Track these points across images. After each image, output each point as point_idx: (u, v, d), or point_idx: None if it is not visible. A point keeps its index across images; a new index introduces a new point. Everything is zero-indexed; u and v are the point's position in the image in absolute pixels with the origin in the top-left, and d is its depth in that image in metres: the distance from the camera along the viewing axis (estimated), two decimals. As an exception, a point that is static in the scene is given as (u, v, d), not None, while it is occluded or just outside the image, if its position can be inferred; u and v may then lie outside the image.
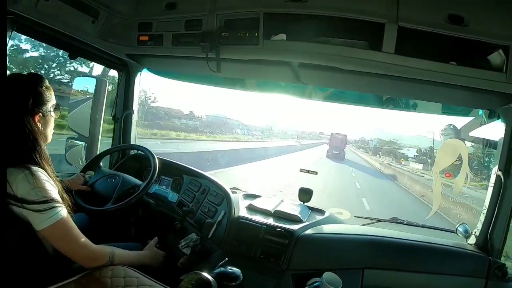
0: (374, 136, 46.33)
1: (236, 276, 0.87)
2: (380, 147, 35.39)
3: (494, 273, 1.15)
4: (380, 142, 37.82)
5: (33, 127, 0.87)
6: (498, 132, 1.22)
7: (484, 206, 1.25)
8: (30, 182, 0.80)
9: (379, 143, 37.34)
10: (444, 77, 1.03)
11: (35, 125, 0.88)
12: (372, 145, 39.18)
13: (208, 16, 1.18)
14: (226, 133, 28.32)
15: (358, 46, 1.06)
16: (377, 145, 36.89)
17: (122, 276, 0.89)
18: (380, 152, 33.09)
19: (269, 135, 38.12)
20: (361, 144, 45.10)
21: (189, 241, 1.25)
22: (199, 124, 26.33)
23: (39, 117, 0.90)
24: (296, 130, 52.05)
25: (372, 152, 35.21)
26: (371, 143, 41.10)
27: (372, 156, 30.52)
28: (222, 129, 28.77)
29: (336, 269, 1.06)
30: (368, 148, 39.59)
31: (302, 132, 52.41)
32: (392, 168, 16.52)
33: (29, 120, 0.86)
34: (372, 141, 41.38)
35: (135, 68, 1.65)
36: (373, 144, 39.58)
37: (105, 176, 1.41)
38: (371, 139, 43.04)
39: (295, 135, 45.14)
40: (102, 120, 1.65)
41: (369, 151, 36.92)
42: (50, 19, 1.15)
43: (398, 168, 16.74)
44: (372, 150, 35.79)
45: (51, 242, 0.85)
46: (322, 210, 1.45)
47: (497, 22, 0.95)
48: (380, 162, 21.26)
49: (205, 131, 24.20)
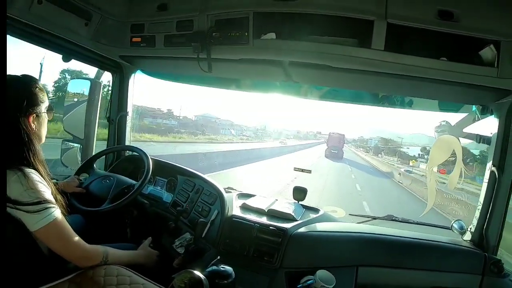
0: (374, 135, 44.96)
1: (228, 274, 0.87)
2: (381, 146, 34.44)
3: (490, 269, 1.15)
4: (381, 140, 36.44)
5: (28, 128, 0.88)
6: (492, 127, 1.21)
7: (479, 202, 1.25)
8: (23, 183, 0.81)
9: (381, 142, 35.96)
10: (436, 73, 1.03)
11: (29, 125, 0.89)
12: (373, 144, 37.61)
13: (199, 16, 1.19)
14: (213, 133, 27.27)
15: (347, 43, 1.06)
16: (378, 144, 35.67)
17: (115, 275, 0.89)
18: (382, 151, 32.12)
19: (262, 136, 36.60)
20: (360, 143, 43.55)
21: (183, 240, 1.26)
22: (177, 124, 24.86)
23: (33, 118, 0.90)
24: (291, 130, 50.46)
25: (373, 151, 34.35)
26: (370, 142, 39.46)
27: (374, 157, 29.17)
28: (209, 130, 27.68)
29: (329, 267, 1.05)
30: (368, 148, 38.09)
31: (297, 132, 50.89)
32: (407, 175, 12.66)
33: (23, 120, 0.87)
34: (372, 140, 39.79)
35: (129, 70, 1.66)
36: (373, 143, 37.98)
37: (99, 177, 1.42)
38: (370, 137, 41.59)
39: (290, 135, 43.73)
40: (97, 122, 1.66)
41: (370, 150, 35.88)
42: (43, 22, 1.16)
43: (411, 173, 13.38)
44: (373, 150, 35.00)
45: (45, 242, 0.86)
46: (317, 208, 1.45)
47: (487, 17, 0.95)
48: (386, 164, 19.26)
49: (183, 132, 22.70)
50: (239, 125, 36.77)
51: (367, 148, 38.63)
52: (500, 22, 0.94)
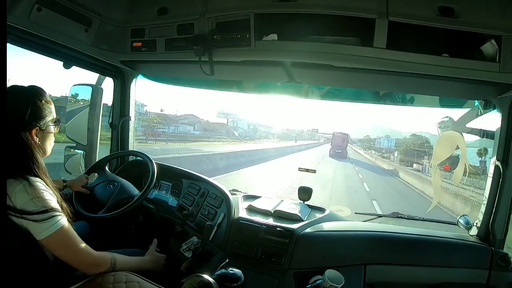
0: (377, 133, 36.89)
1: (237, 277, 0.87)
2: (401, 148, 21.88)
3: (497, 263, 1.15)
4: (400, 141, 24.11)
5: (30, 141, 0.87)
6: (495, 122, 1.21)
7: (484, 197, 1.25)
8: (29, 192, 0.81)
9: (398, 143, 24.09)
10: (438, 69, 1.03)
11: (31, 138, 0.88)
12: (384, 145, 27.60)
13: (200, 19, 1.19)
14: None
15: (349, 42, 1.06)
16: (394, 145, 23.53)
17: (124, 282, 0.89)
18: (406, 156, 19.83)
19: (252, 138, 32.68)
20: (367, 144, 33.52)
21: (190, 244, 1.25)
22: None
23: (36, 131, 0.89)
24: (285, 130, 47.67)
25: (399, 159, 21.16)
26: (382, 142, 29.12)
27: (403, 167, 16.63)
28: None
29: (338, 266, 1.06)
30: (380, 150, 27.32)
31: (287, 130, 46.84)
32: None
33: (25, 134, 0.86)
34: (382, 140, 29.46)
35: (130, 75, 1.66)
36: (384, 143, 27.97)
37: (105, 181, 1.41)
38: (378, 136, 32.07)
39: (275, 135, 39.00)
40: (100, 127, 1.66)
41: (385, 153, 24.19)
42: (43, 29, 1.15)
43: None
44: (397, 157, 21.81)
45: (52, 251, 0.85)
46: (322, 208, 1.45)
47: (488, 12, 0.95)
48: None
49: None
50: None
51: (378, 150, 27.99)
52: (500, 17, 0.94)
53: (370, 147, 32.17)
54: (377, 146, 31.13)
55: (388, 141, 29.42)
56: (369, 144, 34.32)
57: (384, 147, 28.76)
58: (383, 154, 25.10)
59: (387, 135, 32.26)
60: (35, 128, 0.89)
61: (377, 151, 28.20)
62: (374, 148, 30.70)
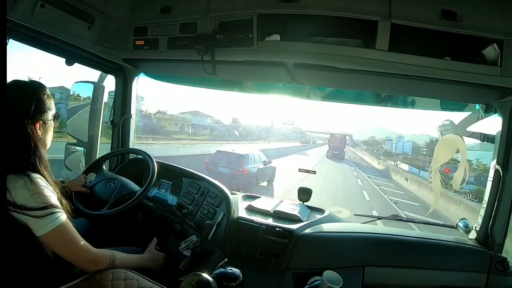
0: (382, 135, 28.12)
1: (235, 276, 0.87)
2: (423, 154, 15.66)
3: (495, 267, 1.15)
4: (418, 146, 17.70)
5: (34, 134, 0.88)
6: (496, 126, 1.21)
7: (484, 201, 1.25)
8: (29, 188, 0.81)
9: (416, 148, 18.11)
10: (439, 72, 1.04)
11: (35, 131, 0.89)
12: (399, 149, 20.40)
13: (203, 19, 1.19)
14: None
15: (352, 44, 1.07)
16: (415, 152, 17.04)
17: (123, 279, 0.89)
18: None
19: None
20: (374, 147, 25.35)
21: (189, 243, 1.25)
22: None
23: (39, 124, 0.90)
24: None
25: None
26: (396, 146, 21.58)
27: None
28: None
29: (336, 268, 1.05)
30: (396, 155, 19.14)
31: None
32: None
33: (30, 126, 0.87)
34: (392, 142, 21.62)
35: (132, 73, 1.66)
36: (399, 147, 20.55)
37: (104, 179, 1.41)
38: (388, 137, 24.19)
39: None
40: (100, 125, 1.66)
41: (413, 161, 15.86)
42: (46, 26, 1.15)
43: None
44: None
45: (51, 247, 0.85)
46: (322, 209, 1.45)
47: (490, 16, 0.96)
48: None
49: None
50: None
51: (393, 155, 20.24)
52: (502, 21, 0.95)
53: (383, 153, 22.99)
54: (388, 150, 23.44)
55: (403, 143, 22.23)
56: (376, 147, 26.25)
57: (399, 152, 21.12)
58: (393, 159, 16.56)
59: (400, 136, 24.82)
60: (39, 121, 0.90)
61: (388, 157, 19.76)
62: (386, 154, 21.78)
